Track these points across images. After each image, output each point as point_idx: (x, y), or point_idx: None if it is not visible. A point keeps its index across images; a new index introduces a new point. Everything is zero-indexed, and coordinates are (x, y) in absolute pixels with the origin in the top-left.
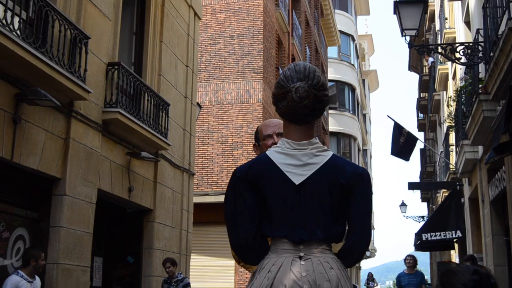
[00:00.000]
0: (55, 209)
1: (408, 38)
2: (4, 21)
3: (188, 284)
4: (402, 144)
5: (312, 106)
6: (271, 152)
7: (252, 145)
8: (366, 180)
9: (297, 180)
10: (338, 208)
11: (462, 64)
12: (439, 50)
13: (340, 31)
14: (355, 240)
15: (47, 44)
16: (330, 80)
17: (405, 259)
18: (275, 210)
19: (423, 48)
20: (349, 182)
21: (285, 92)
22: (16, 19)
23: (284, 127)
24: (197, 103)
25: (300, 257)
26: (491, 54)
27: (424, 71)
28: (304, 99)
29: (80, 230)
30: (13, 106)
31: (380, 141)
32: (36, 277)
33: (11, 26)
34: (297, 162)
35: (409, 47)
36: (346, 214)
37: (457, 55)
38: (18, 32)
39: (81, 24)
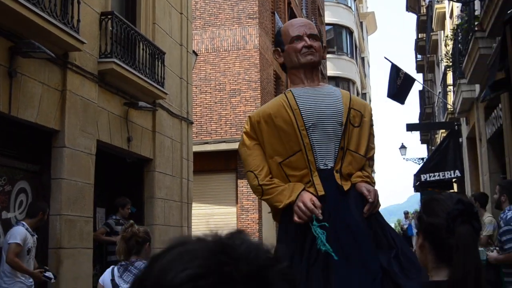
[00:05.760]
0: (55, 161)
1: None
2: None
3: None
4: (399, 86)
5: None
6: None
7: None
8: None
9: None
10: None
11: (458, 1)
12: None
13: None
14: None
15: None
16: (327, 24)
17: None
18: None
19: None
20: None
21: None
22: None
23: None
24: (193, 51)
25: None
26: None
27: (422, 11)
28: None
29: (81, 181)
30: (8, 60)
31: (379, 84)
32: (35, 233)
33: None
34: None
35: None
36: None
37: None
38: None
39: None
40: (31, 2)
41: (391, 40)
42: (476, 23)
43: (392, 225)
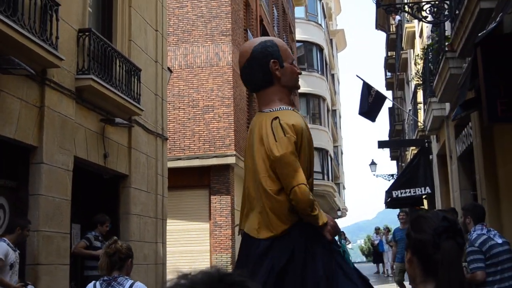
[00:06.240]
0: (33, 177)
1: None
2: None
3: None
4: (370, 104)
5: None
6: None
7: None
8: None
9: None
10: None
11: (428, 22)
12: (406, 9)
13: None
14: None
15: (18, 12)
16: (298, 41)
17: (398, 215)
18: None
19: (390, 7)
20: None
21: None
22: None
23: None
24: (168, 68)
25: None
26: (457, 12)
27: (391, 30)
28: None
29: (58, 197)
30: None
31: (348, 100)
32: (17, 248)
33: None
34: None
35: (376, 6)
36: None
37: (424, 13)
38: None
39: None
40: (11, 18)
41: (361, 57)
42: (446, 43)
43: (362, 241)
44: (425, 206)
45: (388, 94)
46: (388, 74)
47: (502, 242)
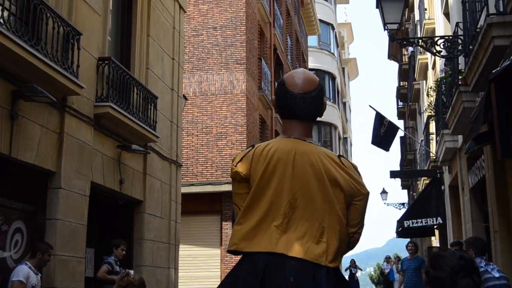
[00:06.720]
0: (50, 202)
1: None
2: (1, 20)
3: None
4: (383, 134)
5: None
6: None
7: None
8: None
9: None
10: None
11: (442, 57)
12: (420, 43)
13: (320, 20)
14: None
15: (42, 41)
16: (311, 69)
17: (407, 246)
18: None
19: (404, 41)
20: None
21: None
22: (11, 18)
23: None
24: (183, 95)
25: None
26: (470, 47)
27: (404, 60)
28: None
29: (75, 222)
30: (10, 103)
31: (360, 128)
32: (39, 271)
33: (7, 25)
34: None
35: (391, 40)
36: None
37: (437, 47)
38: (14, 30)
39: (72, 20)
40: (35, 48)
41: (372, 86)
42: (460, 77)
43: (371, 269)
44: (436, 236)
45: (400, 123)
46: (400, 103)
47: (499, 277)
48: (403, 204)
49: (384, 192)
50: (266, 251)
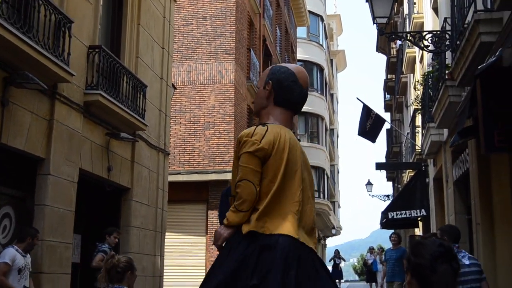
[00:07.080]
0: (39, 188)
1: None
2: None
3: None
4: (369, 126)
5: None
6: None
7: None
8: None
9: None
10: None
11: (430, 51)
12: (408, 37)
13: (309, 11)
14: None
15: (33, 28)
16: (299, 60)
17: (390, 237)
18: None
19: (393, 35)
20: None
21: None
22: (4, 5)
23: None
24: (172, 85)
25: None
26: (458, 42)
27: (392, 53)
28: None
29: (63, 208)
30: (1, 89)
31: (347, 120)
32: (28, 254)
33: None
34: None
35: (380, 34)
36: None
37: (425, 42)
38: (6, 17)
39: (64, 8)
40: (26, 35)
41: (360, 78)
42: (447, 71)
43: (355, 260)
44: (420, 228)
45: (387, 116)
46: (387, 96)
47: (470, 264)
48: (388, 196)
49: (369, 183)
50: (289, 235)
